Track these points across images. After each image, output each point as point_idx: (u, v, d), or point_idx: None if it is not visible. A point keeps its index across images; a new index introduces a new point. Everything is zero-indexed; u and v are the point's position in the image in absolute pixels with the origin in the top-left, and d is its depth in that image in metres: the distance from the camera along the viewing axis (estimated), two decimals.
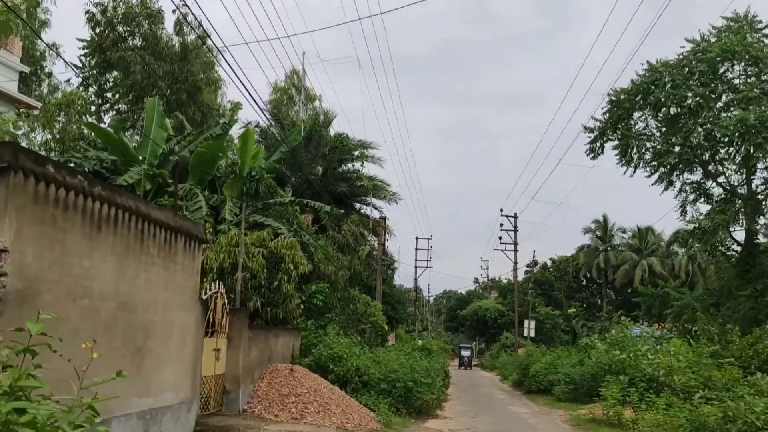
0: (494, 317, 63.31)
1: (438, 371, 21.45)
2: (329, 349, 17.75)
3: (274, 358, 16.54)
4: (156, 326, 10.43)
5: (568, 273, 75.57)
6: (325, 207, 22.25)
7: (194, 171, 20.82)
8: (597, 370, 21.81)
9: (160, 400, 10.53)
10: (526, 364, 29.80)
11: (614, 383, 17.03)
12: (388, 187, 28.98)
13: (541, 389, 26.19)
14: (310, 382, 15.53)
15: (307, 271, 18.38)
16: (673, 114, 30.13)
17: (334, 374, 17.25)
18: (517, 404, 23.53)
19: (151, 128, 21.03)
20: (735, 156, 28.79)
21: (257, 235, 17.94)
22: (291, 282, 17.60)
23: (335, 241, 23.35)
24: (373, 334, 25.36)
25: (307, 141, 27.79)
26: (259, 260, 16.98)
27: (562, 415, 19.87)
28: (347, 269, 22.46)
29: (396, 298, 43.57)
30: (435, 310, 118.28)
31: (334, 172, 27.33)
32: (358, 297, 24.04)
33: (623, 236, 75.00)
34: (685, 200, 32.73)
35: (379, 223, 30.31)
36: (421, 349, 25.43)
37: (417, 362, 19.02)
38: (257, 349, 15.38)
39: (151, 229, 10.32)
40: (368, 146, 28.38)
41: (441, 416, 18.53)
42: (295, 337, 18.57)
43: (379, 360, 18.35)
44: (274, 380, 15.40)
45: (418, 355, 21.90)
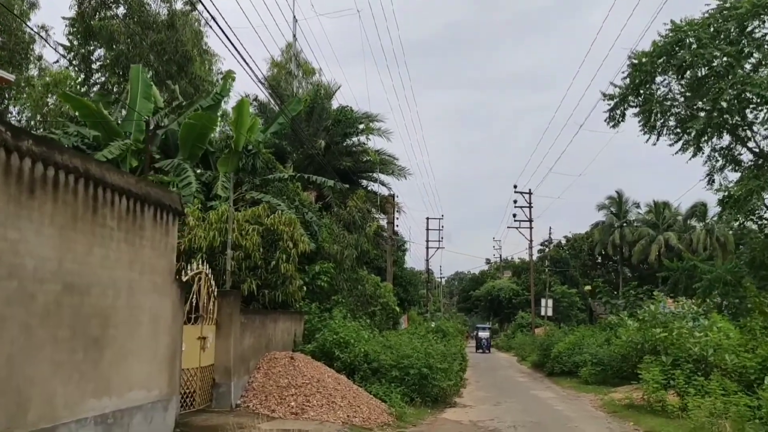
0: (508, 297, 61.38)
1: (455, 355, 19.59)
2: (334, 334, 15.91)
3: (273, 345, 14.72)
4: (118, 312, 8.59)
5: (583, 251, 73.42)
6: (328, 182, 20.31)
7: (184, 145, 18.94)
8: (628, 350, 19.89)
9: (126, 399, 8.71)
10: (547, 344, 27.88)
11: (655, 364, 15.06)
12: (395, 161, 26.97)
13: (565, 371, 24.27)
14: (312, 372, 13.69)
15: (308, 249, 16.50)
16: (699, 77, 27.89)
17: (340, 362, 15.42)
18: (541, 388, 21.63)
19: (137, 100, 19.13)
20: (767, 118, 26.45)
21: (251, 210, 16.07)
22: (290, 262, 15.72)
23: (340, 218, 21.44)
24: (383, 317, 23.52)
25: (308, 115, 25.81)
26: (254, 238, 15.11)
27: (592, 399, 17.96)
28: (354, 248, 20.55)
29: (407, 279, 41.71)
30: (447, 292, 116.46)
31: (337, 147, 25.34)
32: (366, 278, 22.16)
33: (638, 212, 72.62)
34: (712, 168, 30.63)
35: (387, 200, 28.33)
36: (435, 332, 23.54)
37: (432, 346, 17.13)
38: (252, 336, 13.55)
39: (108, 196, 8.44)
40: (374, 118, 26.37)
41: (460, 404, 16.68)
42: (297, 322, 16.73)
43: (390, 345, 16.47)
44: (272, 370, 13.57)
45: (433, 338, 20.01)
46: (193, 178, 17.33)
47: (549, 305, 45.28)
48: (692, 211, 69.20)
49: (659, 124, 29.99)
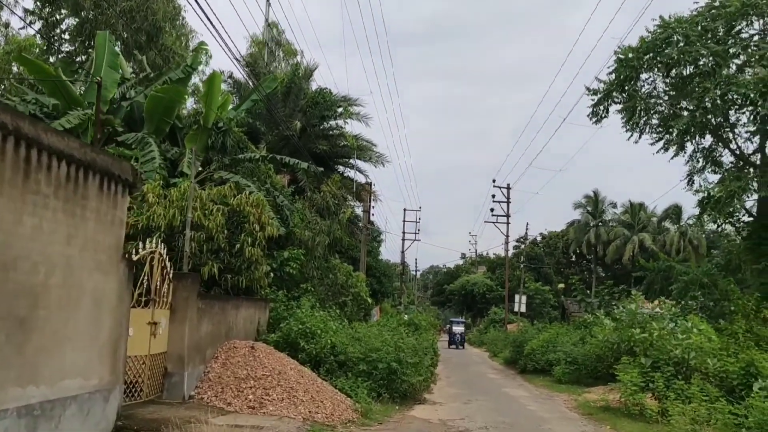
0: (482, 292, 60.97)
1: (426, 349, 18.81)
2: (300, 323, 15.01)
3: (234, 333, 13.79)
4: (51, 291, 7.61)
5: (558, 249, 73.35)
6: (302, 164, 19.34)
7: (149, 118, 17.86)
8: (604, 350, 19.30)
9: (57, 389, 7.75)
10: (520, 341, 27.28)
11: (632, 366, 14.42)
12: (374, 147, 26.05)
13: (538, 369, 23.67)
14: (273, 363, 12.79)
15: (276, 233, 15.58)
16: (685, 75, 27.42)
17: (305, 353, 14.53)
18: (513, 386, 20.98)
19: (101, 68, 17.98)
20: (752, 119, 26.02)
21: (217, 189, 15.07)
22: (256, 246, 14.78)
23: (314, 203, 20.52)
24: (354, 308, 22.66)
25: (285, 95, 24.78)
26: (218, 219, 14.13)
27: (566, 400, 17.33)
28: (326, 235, 19.65)
29: (382, 271, 40.90)
30: (422, 286, 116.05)
31: (314, 130, 24.34)
32: (338, 266, 21.28)
33: (615, 212, 72.69)
34: (693, 169, 30.28)
35: (364, 187, 27.43)
36: (407, 325, 22.77)
37: (402, 339, 16.30)
38: (210, 323, 12.61)
39: (43, 160, 7.45)
40: (353, 102, 25.40)
41: (429, 401, 15.92)
42: (261, 310, 15.80)
43: (358, 337, 15.63)
44: (231, 360, 12.65)
45: (404, 331, 19.19)
46: (156, 153, 16.27)
47: (523, 301, 44.87)
48: (667, 213, 69.53)
49: (642, 121, 29.59)
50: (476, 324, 66.35)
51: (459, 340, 47.73)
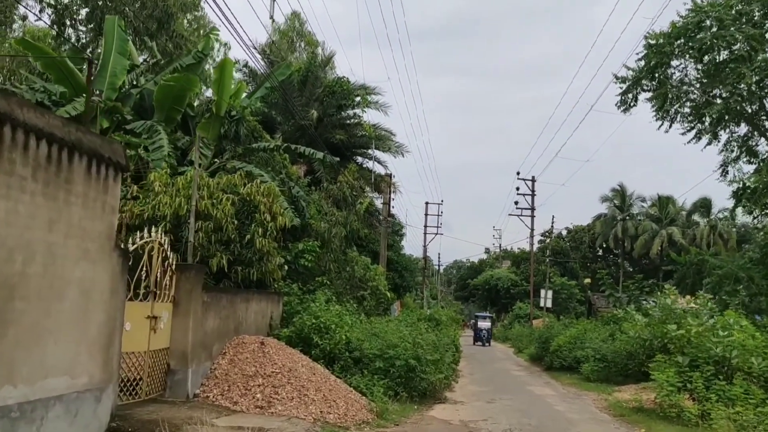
0: (507, 287, 59.75)
1: (447, 345, 17.95)
2: (314, 318, 14.23)
3: (244, 328, 13.07)
4: (30, 282, 6.92)
5: (584, 243, 71.79)
6: (318, 154, 18.55)
7: (160, 107, 17.20)
8: (635, 347, 18.26)
9: (39, 388, 7.05)
10: (546, 337, 26.24)
11: (668, 365, 13.39)
12: (393, 136, 25.15)
13: (565, 366, 22.63)
14: (284, 360, 12.04)
15: (288, 223, 14.84)
16: (718, 61, 26.09)
17: (318, 349, 13.75)
18: (539, 384, 20.01)
19: (110, 55, 17.36)
20: None
21: (227, 178, 14.36)
22: (268, 236, 14.04)
23: (330, 194, 19.73)
24: (373, 303, 21.87)
25: (301, 84, 24.03)
26: (227, 208, 13.41)
27: (595, 399, 16.34)
28: (342, 226, 18.86)
29: (404, 265, 40.06)
30: (445, 281, 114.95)
31: (331, 119, 23.57)
32: (356, 259, 20.49)
33: (642, 205, 70.90)
34: (726, 159, 28.96)
35: (383, 178, 26.55)
36: (428, 320, 21.88)
37: (422, 335, 15.46)
38: (218, 317, 11.89)
39: (19, 138, 6.75)
40: (371, 91, 24.54)
41: (450, 400, 15.04)
42: (274, 304, 15.07)
43: (375, 332, 14.82)
44: (239, 356, 11.92)
45: (425, 326, 18.34)
46: (165, 142, 15.60)
47: (548, 296, 43.65)
48: (696, 206, 67.60)
49: (673, 110, 28.36)
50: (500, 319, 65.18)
51: (485, 336, 43.94)
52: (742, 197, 26.71)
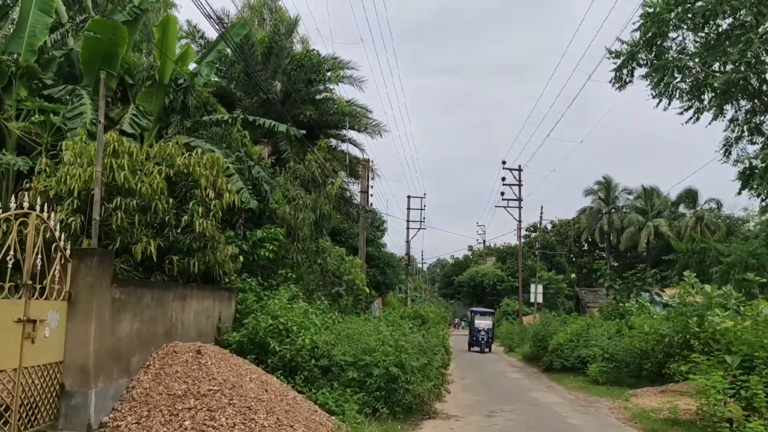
0: (493, 283, 57.12)
1: (436, 347, 15.18)
2: (272, 318, 11.35)
3: (180, 333, 10.13)
4: None
5: (570, 237, 69.56)
6: (280, 126, 15.63)
7: (88, 69, 14.21)
8: (651, 344, 15.63)
9: None
10: (543, 335, 23.53)
11: (710, 366, 10.67)
12: (369, 113, 22.25)
13: (567, 367, 19.90)
14: (226, 373, 9.13)
15: (239, 202, 11.99)
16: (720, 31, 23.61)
17: (277, 357, 10.87)
18: (541, 388, 17.24)
19: (30, 13, 14.35)
20: None
21: (158, 146, 11.41)
22: (211, 217, 11.14)
23: (297, 175, 16.82)
24: (351, 300, 19.01)
25: (265, 57, 21.09)
26: (157, 182, 10.47)
27: (612, 407, 13.59)
28: (311, 210, 15.97)
29: (385, 261, 37.28)
30: (428, 279, 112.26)
31: (299, 95, 20.65)
32: (329, 249, 17.60)
33: (628, 197, 68.86)
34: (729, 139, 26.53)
35: (359, 162, 23.65)
36: (412, 317, 19.02)
37: (405, 336, 12.61)
38: (138, 320, 8.95)
39: None
40: (345, 64, 21.66)
41: (442, 414, 12.20)
42: (224, 302, 12.13)
43: (349, 334, 11.96)
44: (166, 370, 8.99)
45: (409, 325, 15.51)
46: (89, 108, 12.62)
47: (539, 291, 41.04)
48: (682, 197, 65.72)
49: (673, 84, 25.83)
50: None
51: (484, 339, 33.26)
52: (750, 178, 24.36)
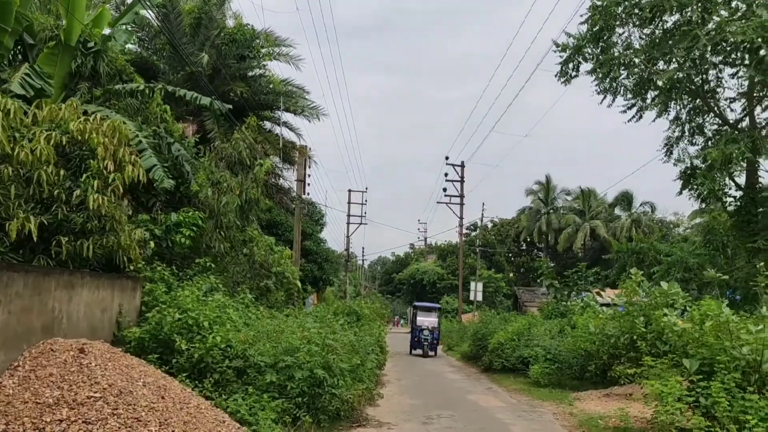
0: (433, 281, 56.46)
1: (371, 346, 13.88)
2: (179, 312, 9.80)
3: (64, 327, 8.47)
4: None
5: (509, 236, 69.69)
6: (203, 99, 14.01)
7: None
8: (597, 345, 14.81)
9: None
10: (483, 333, 22.58)
11: (666, 370, 9.75)
12: (306, 94, 20.73)
13: (508, 367, 18.96)
14: (114, 376, 7.55)
15: (140, 176, 10.25)
16: (666, 28, 23.26)
17: (184, 357, 9.33)
18: (481, 391, 16.18)
19: None
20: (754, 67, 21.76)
21: (48, 108, 9.67)
22: (109, 193, 9.49)
23: (222, 155, 15.21)
24: (281, 294, 17.51)
25: (194, 29, 19.33)
26: (42, 148, 8.76)
27: (557, 413, 12.60)
28: (236, 194, 14.41)
29: (324, 256, 35.81)
30: (369, 276, 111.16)
31: (230, 70, 18.98)
32: (256, 238, 16.06)
33: (567, 198, 69.51)
34: (670, 139, 26.29)
35: (294, 146, 22.09)
36: (345, 314, 17.62)
37: (335, 334, 11.22)
38: (2, 311, 7.28)
39: None
40: (281, 42, 20.09)
41: (374, 421, 10.89)
42: (126, 292, 10.47)
43: (268, 331, 10.48)
44: (38, 372, 7.34)
45: (342, 321, 14.12)
46: None
47: (479, 289, 40.39)
48: (618, 200, 66.76)
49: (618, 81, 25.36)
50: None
51: (428, 340, 28.04)
52: (691, 178, 24.14)
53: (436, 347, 29.09)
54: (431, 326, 28.57)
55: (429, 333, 28.01)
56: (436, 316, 29.85)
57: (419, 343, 28.02)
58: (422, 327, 28.34)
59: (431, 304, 33.92)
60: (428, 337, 27.78)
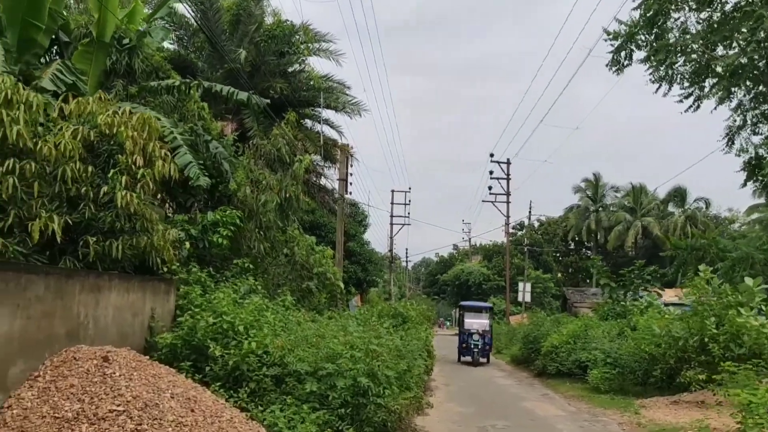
0: (478, 282, 55.14)
1: (418, 351, 13.01)
2: (214, 316, 9.13)
3: (89, 334, 7.87)
4: None
5: (557, 236, 67.81)
6: (241, 94, 13.42)
7: (11, 22, 11.87)
8: (664, 348, 13.62)
9: None
10: (534, 336, 21.44)
11: (748, 377, 8.61)
12: (347, 89, 20.01)
13: (563, 372, 17.82)
14: (139, 387, 6.88)
15: (171, 172, 9.62)
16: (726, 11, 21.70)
17: (218, 365, 8.65)
18: (536, 397, 15.13)
19: None
20: None
21: (75, 102, 9.12)
22: (139, 190, 8.88)
23: (261, 152, 14.57)
24: (324, 297, 16.79)
25: (233, 27, 18.83)
26: (67, 142, 8.20)
27: (622, 423, 11.46)
28: (276, 193, 13.75)
29: (367, 257, 35.12)
30: (413, 278, 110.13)
31: (269, 67, 18.40)
32: (297, 238, 15.37)
33: (616, 195, 67.16)
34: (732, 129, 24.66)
35: (335, 144, 21.39)
36: (391, 316, 16.73)
37: (380, 338, 10.39)
38: (20, 317, 6.68)
39: None
40: (321, 38, 19.44)
41: None
42: (160, 296, 9.87)
43: (307, 336, 9.71)
44: (59, 383, 6.72)
45: (387, 324, 13.26)
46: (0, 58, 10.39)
47: (527, 290, 39.02)
48: (671, 195, 64.16)
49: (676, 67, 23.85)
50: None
51: (479, 345, 24.71)
52: (756, 168, 22.53)
53: (489, 354, 25.98)
54: (482, 329, 25.25)
55: (479, 337, 24.77)
56: (486, 318, 26.59)
57: (468, 349, 24.86)
58: (471, 330, 25.14)
59: (481, 304, 31.01)
60: (478, 343, 24.63)
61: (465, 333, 25.23)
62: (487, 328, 25.64)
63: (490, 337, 25.85)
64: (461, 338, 25.55)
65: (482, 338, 24.76)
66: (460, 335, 25.82)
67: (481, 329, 25.13)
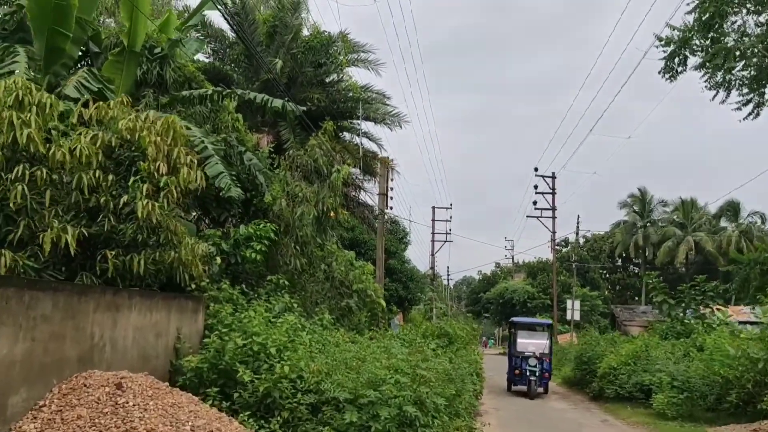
0: (523, 300, 53.31)
1: (467, 375, 11.89)
2: (245, 337, 8.25)
3: (105, 357, 7.06)
4: None
5: (603, 252, 65.52)
6: (275, 102, 12.66)
7: (39, 29, 11.43)
8: (740, 371, 12.18)
9: None
10: (588, 356, 20.00)
11: None
12: (387, 100, 19.15)
13: (622, 396, 16.39)
14: (155, 419, 6.01)
15: (199, 181, 8.83)
16: None
17: (248, 391, 7.73)
18: (596, 424, 13.79)
19: None
20: None
21: (96, 106, 8.43)
22: (162, 200, 8.11)
23: (297, 164, 13.77)
24: (364, 315, 15.81)
25: (269, 38, 18.25)
26: (84, 148, 7.49)
27: None
28: (313, 204, 12.90)
29: (408, 275, 34.03)
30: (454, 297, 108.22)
31: (306, 77, 17.71)
32: (335, 253, 14.48)
33: (665, 210, 64.60)
34: None
35: (375, 156, 20.50)
36: (436, 336, 15.51)
37: (426, 361, 9.33)
38: (24, 339, 5.90)
39: None
40: (360, 48, 18.70)
41: None
42: (186, 314, 9.04)
43: (346, 359, 8.73)
44: (67, 413, 5.91)
45: (432, 346, 12.17)
46: (23, 67, 9.88)
47: (576, 308, 37.30)
48: (723, 210, 61.28)
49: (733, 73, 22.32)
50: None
51: (537, 372, 19.42)
52: None
53: (547, 382, 20.42)
54: (539, 352, 19.94)
55: (537, 362, 19.47)
56: (545, 338, 21.37)
57: (522, 376, 19.53)
58: (526, 353, 19.82)
59: (538, 321, 26.03)
60: (535, 369, 19.28)
61: (518, 356, 20.12)
62: (546, 351, 20.42)
63: (549, 362, 20.50)
64: (512, 362, 20.46)
65: (540, 363, 19.59)
66: (511, 358, 20.72)
67: (539, 352, 19.98)
